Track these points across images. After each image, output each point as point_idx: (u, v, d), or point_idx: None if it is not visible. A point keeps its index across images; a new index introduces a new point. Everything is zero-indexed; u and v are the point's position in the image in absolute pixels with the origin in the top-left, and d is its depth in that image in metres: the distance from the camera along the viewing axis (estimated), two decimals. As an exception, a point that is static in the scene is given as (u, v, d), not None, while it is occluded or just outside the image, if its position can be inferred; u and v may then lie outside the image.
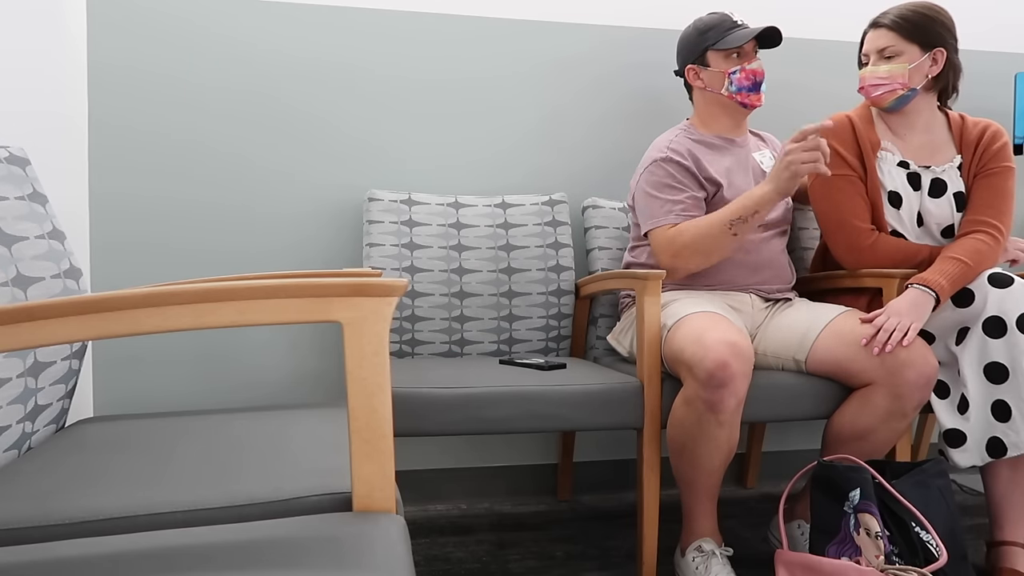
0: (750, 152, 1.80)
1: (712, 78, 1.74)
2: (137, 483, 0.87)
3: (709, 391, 1.36)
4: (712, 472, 1.46)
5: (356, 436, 0.78)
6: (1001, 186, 1.64)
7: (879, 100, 1.68)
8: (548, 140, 2.10)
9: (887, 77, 1.65)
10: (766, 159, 1.81)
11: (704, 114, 1.80)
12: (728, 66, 1.72)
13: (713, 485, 1.48)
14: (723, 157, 1.75)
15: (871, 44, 1.68)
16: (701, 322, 1.46)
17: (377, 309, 0.77)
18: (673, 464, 1.50)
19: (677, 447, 1.46)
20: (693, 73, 1.78)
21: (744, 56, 1.73)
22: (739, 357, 1.37)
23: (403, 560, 0.68)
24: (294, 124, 1.96)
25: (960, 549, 1.40)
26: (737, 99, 1.73)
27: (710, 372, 1.35)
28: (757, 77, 1.73)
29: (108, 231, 1.87)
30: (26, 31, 1.52)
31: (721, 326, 1.44)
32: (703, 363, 1.36)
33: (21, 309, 0.70)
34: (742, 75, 1.71)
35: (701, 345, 1.39)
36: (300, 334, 1.99)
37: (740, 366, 1.36)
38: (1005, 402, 1.43)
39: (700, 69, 1.76)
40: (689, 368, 1.40)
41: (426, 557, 1.68)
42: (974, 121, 1.72)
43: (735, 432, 1.43)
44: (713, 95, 1.76)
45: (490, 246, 1.92)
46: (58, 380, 1.15)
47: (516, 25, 2.07)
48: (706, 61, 1.74)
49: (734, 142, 1.78)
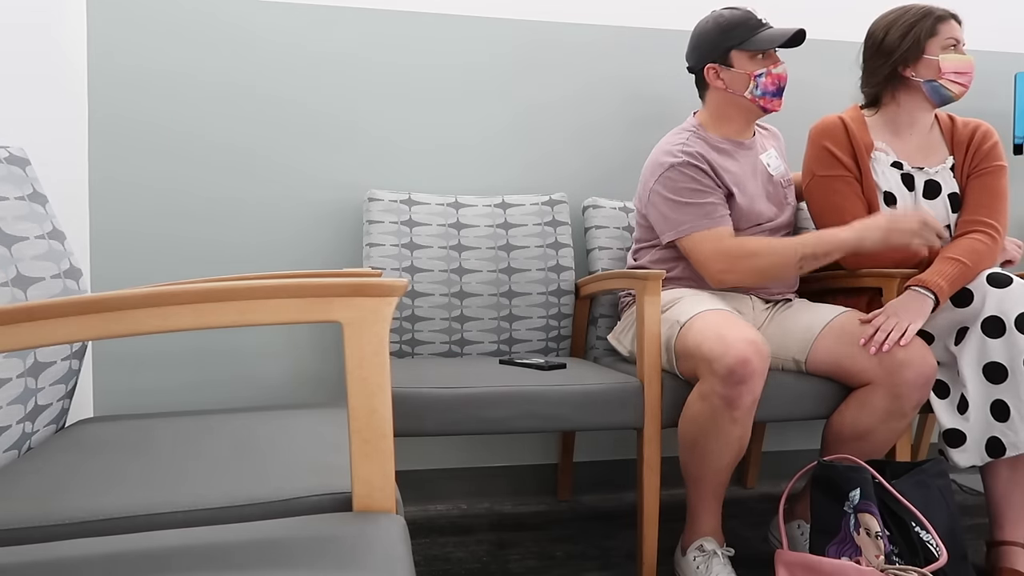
0: (758, 154, 1.76)
1: (735, 80, 1.66)
2: (137, 483, 0.87)
3: (728, 387, 1.36)
4: (720, 470, 1.45)
5: (356, 436, 0.78)
6: (995, 185, 1.64)
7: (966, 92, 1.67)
8: (549, 140, 2.10)
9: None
10: (772, 160, 1.76)
11: (717, 115, 1.72)
12: (754, 68, 1.65)
13: (720, 484, 1.48)
14: (733, 162, 1.70)
15: (961, 35, 1.65)
16: (719, 319, 1.46)
17: (377, 309, 0.77)
18: (682, 460, 1.49)
19: (688, 443, 1.46)
20: (713, 73, 1.68)
21: (769, 58, 1.66)
22: (759, 355, 1.37)
23: (403, 560, 0.68)
24: (294, 123, 1.96)
25: (960, 549, 1.40)
26: (760, 103, 1.66)
27: (731, 368, 1.35)
28: (782, 82, 1.66)
29: (108, 228, 1.87)
30: (26, 28, 1.52)
31: (740, 324, 1.44)
32: (724, 359, 1.36)
33: (21, 309, 0.70)
34: (768, 79, 1.64)
35: (722, 341, 1.38)
36: (300, 334, 1.99)
37: (760, 364, 1.37)
38: (1004, 402, 1.43)
39: (722, 69, 1.67)
40: (709, 363, 1.39)
41: (426, 557, 1.68)
42: (964, 121, 1.72)
43: (747, 431, 1.43)
44: (733, 97, 1.68)
45: (490, 246, 1.92)
46: (58, 380, 1.15)
47: (517, 25, 2.07)
48: (729, 61, 1.66)
49: (743, 144, 1.73)
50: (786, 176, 1.79)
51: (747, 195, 1.68)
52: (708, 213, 1.61)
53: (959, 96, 1.65)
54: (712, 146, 1.70)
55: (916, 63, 1.65)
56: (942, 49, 1.64)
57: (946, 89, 1.65)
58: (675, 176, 1.63)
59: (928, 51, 1.64)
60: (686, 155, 1.64)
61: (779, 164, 1.78)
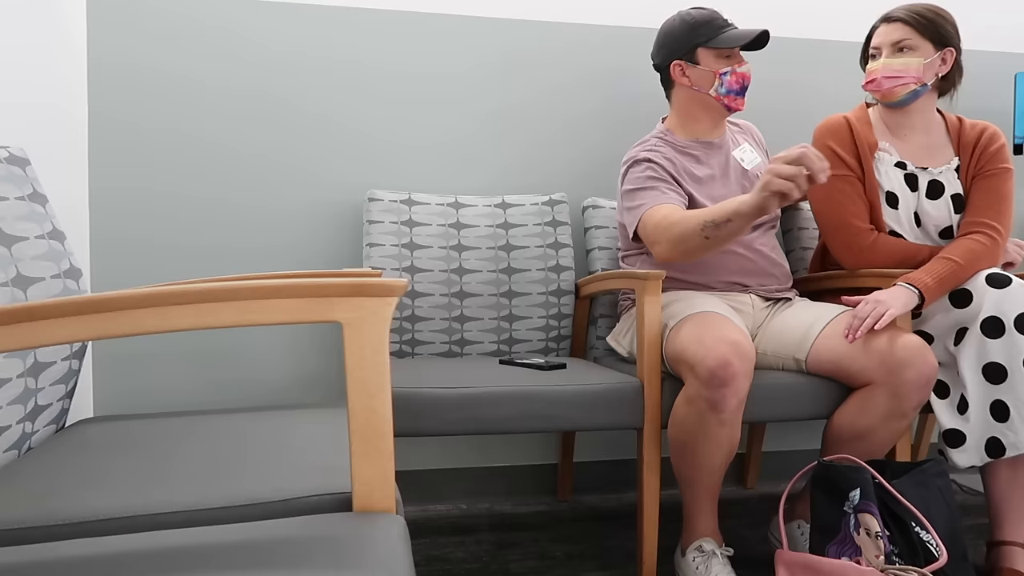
0: (729, 152, 1.77)
1: (700, 77, 1.70)
2: (137, 483, 0.87)
3: (711, 390, 1.36)
4: (713, 471, 1.45)
5: (356, 436, 0.78)
6: (999, 187, 1.64)
7: (891, 93, 1.66)
8: (549, 140, 2.10)
9: (902, 70, 1.64)
10: (746, 154, 1.78)
11: (683, 113, 1.76)
12: (719, 66, 1.68)
13: (714, 484, 1.48)
14: (700, 166, 1.72)
15: (884, 37, 1.66)
16: (703, 321, 1.46)
17: (377, 309, 0.77)
18: (674, 463, 1.50)
19: (678, 446, 1.46)
20: (679, 70, 1.71)
21: (734, 58, 1.70)
22: (741, 356, 1.37)
23: (403, 560, 0.68)
24: (294, 123, 1.96)
25: (960, 549, 1.40)
26: (724, 101, 1.70)
27: (712, 371, 1.35)
28: (745, 81, 1.70)
29: (108, 228, 1.87)
30: (25, 27, 1.52)
31: (722, 325, 1.44)
32: (705, 362, 1.36)
33: (21, 309, 0.70)
34: (733, 78, 1.68)
35: (702, 344, 1.39)
36: (300, 334, 1.99)
37: (742, 365, 1.36)
38: (1003, 402, 1.43)
39: (687, 66, 1.70)
40: (691, 367, 1.40)
41: (426, 557, 1.68)
42: (972, 123, 1.72)
43: (736, 431, 1.43)
44: (698, 95, 1.72)
45: (490, 246, 1.92)
46: (58, 380, 1.15)
47: (519, 25, 2.07)
48: (695, 58, 1.70)
49: (712, 144, 1.75)
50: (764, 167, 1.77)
51: (716, 198, 1.69)
52: (657, 196, 1.62)
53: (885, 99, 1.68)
54: (679, 150, 1.72)
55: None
56: (866, 60, 1.73)
57: (873, 96, 1.72)
58: (634, 170, 1.68)
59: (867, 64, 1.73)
60: (645, 153, 1.69)
61: (754, 157, 1.79)
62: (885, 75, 1.65)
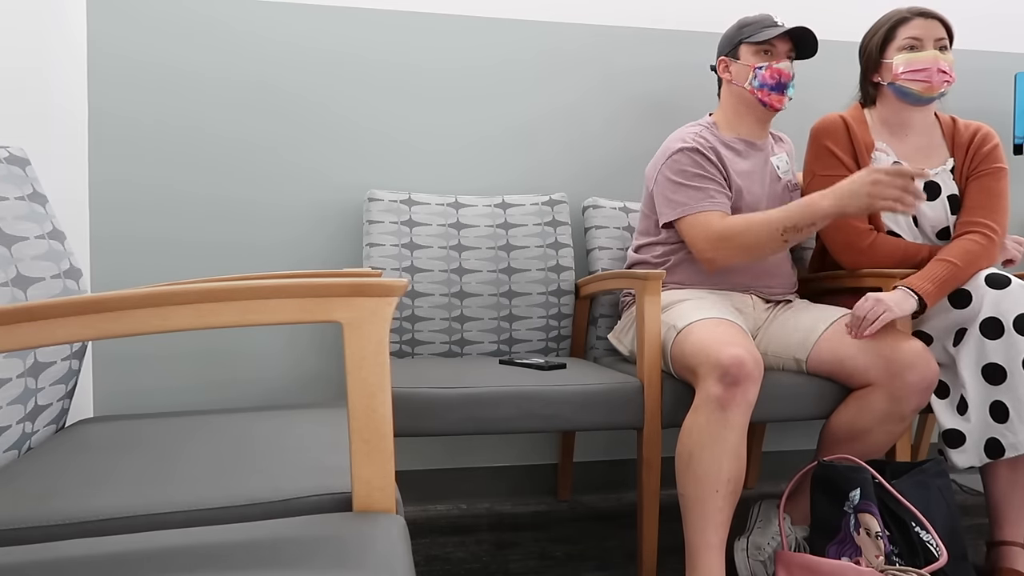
0: (768, 156, 1.79)
1: (739, 71, 1.74)
2: (137, 483, 0.87)
3: (722, 387, 1.35)
4: (719, 484, 1.34)
5: (356, 436, 0.78)
6: (994, 187, 1.64)
7: (935, 87, 1.64)
8: (548, 140, 2.10)
9: (950, 67, 1.64)
10: (782, 163, 1.80)
11: (729, 110, 1.78)
12: (756, 61, 1.71)
13: (718, 510, 1.34)
14: (743, 162, 1.74)
15: (927, 31, 1.64)
16: (714, 328, 1.46)
17: (377, 309, 0.77)
18: (679, 484, 1.41)
19: (683, 460, 1.39)
20: (723, 65, 1.77)
21: (775, 56, 1.72)
22: (754, 360, 1.37)
23: (403, 560, 0.68)
24: (295, 123, 1.96)
25: (960, 549, 1.40)
26: (758, 95, 1.71)
27: (725, 368, 1.34)
28: (783, 77, 1.71)
29: (108, 228, 1.87)
30: (25, 24, 1.52)
31: (735, 334, 1.43)
32: (719, 358, 1.35)
33: (21, 309, 0.70)
34: (767, 72, 1.70)
35: (718, 341, 1.39)
36: (300, 334, 1.99)
37: (754, 368, 1.36)
38: (1003, 403, 1.43)
39: (730, 62, 1.75)
40: (703, 366, 1.38)
41: (426, 557, 1.68)
42: (965, 124, 1.72)
43: (742, 440, 1.36)
44: (738, 89, 1.74)
45: (490, 246, 1.92)
46: (58, 380, 1.15)
47: (518, 25, 2.07)
48: (737, 54, 1.74)
49: (755, 145, 1.77)
50: (793, 180, 1.82)
51: (753, 195, 1.71)
52: (705, 197, 1.64)
53: (927, 92, 1.65)
54: (724, 143, 1.74)
55: (879, 68, 1.71)
56: (898, 51, 1.66)
57: (908, 88, 1.66)
58: (681, 159, 1.68)
59: (886, 55, 1.69)
60: (696, 142, 1.69)
61: (788, 168, 1.83)
62: (940, 67, 1.63)
